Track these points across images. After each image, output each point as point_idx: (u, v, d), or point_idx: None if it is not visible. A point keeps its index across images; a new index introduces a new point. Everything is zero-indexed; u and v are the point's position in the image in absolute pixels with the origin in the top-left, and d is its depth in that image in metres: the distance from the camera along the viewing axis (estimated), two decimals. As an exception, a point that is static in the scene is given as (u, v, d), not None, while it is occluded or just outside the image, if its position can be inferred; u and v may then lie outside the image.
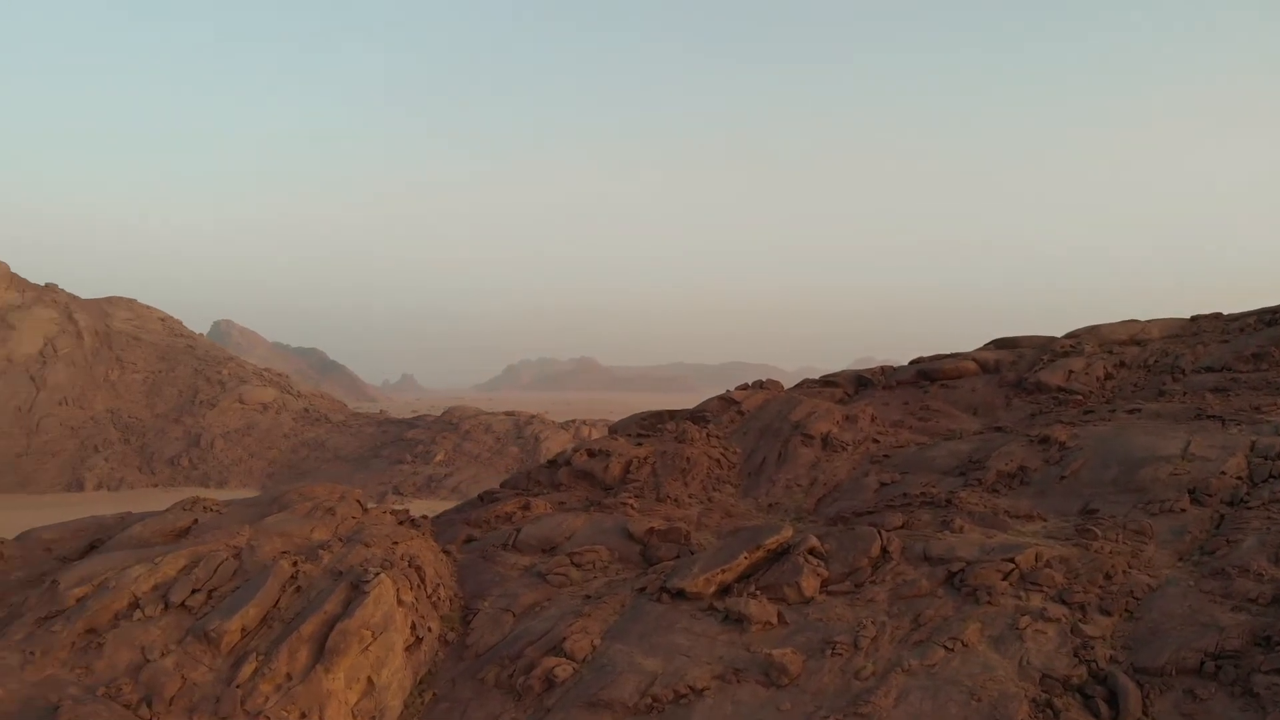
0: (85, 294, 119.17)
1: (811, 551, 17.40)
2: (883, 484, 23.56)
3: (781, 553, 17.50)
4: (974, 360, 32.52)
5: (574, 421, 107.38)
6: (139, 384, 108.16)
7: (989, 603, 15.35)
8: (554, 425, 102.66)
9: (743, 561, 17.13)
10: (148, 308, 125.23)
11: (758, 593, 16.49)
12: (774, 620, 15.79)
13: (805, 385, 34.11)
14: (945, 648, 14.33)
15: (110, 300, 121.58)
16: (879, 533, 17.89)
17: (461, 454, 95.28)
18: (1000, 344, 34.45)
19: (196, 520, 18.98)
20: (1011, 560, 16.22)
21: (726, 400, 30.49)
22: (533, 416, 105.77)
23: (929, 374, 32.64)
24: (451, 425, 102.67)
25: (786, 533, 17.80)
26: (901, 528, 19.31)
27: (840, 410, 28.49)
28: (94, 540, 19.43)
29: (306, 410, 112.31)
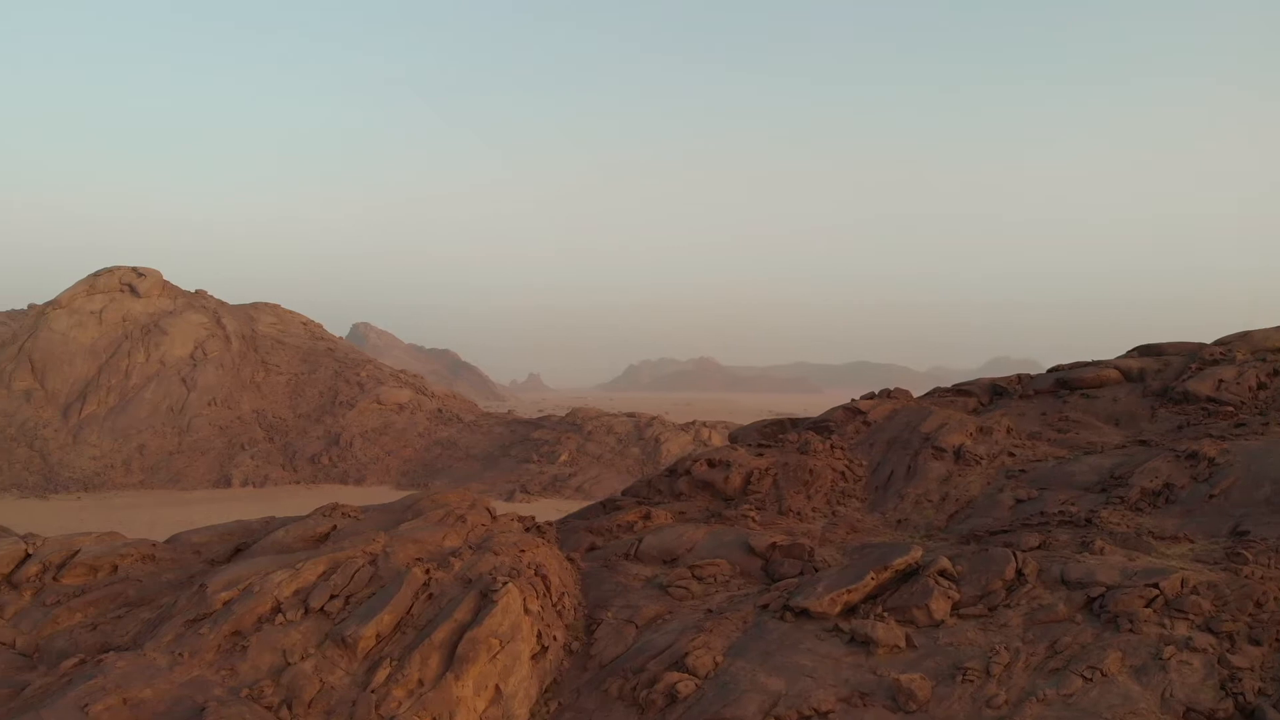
0: (233, 299, 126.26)
1: (942, 573, 16.96)
2: (1018, 501, 22.73)
3: (910, 573, 17.11)
4: (1116, 368, 31.01)
5: (694, 423, 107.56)
6: (283, 385, 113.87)
7: (1130, 630, 14.70)
8: (674, 427, 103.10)
9: (870, 582, 16.83)
10: (291, 312, 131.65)
11: (885, 614, 16.17)
12: (902, 643, 15.47)
13: (936, 394, 33.16)
14: (1083, 677, 13.80)
15: (256, 306, 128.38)
16: (1014, 554, 17.30)
17: (585, 454, 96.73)
18: (1144, 350, 32.78)
19: (335, 526, 19.87)
20: (1155, 585, 15.47)
21: (851, 410, 29.94)
22: (653, 418, 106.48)
23: (1068, 382, 31.31)
24: (575, 426, 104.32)
25: (916, 553, 17.39)
26: (1038, 548, 18.63)
27: (974, 421, 27.61)
28: (240, 544, 20.59)
29: (439, 410, 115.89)
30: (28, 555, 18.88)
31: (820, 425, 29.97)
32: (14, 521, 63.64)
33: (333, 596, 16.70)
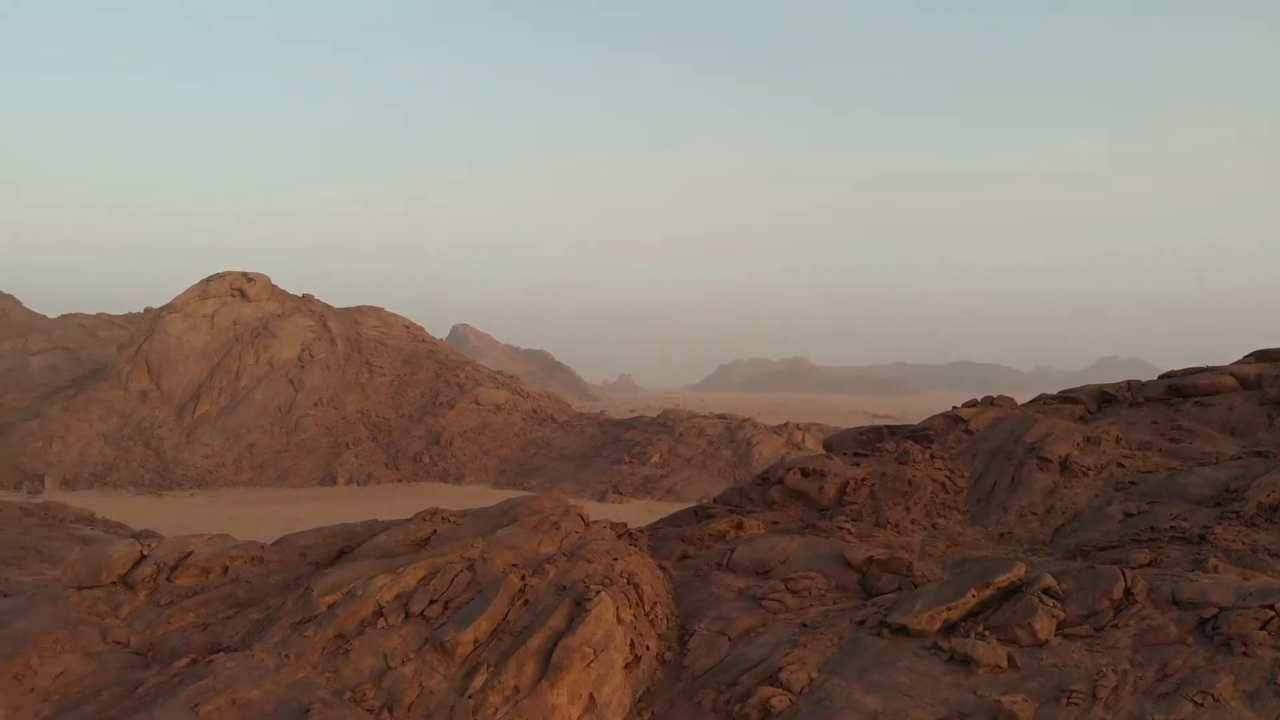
0: (339, 303, 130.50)
1: (1047, 591, 16.42)
2: (1127, 515, 21.82)
3: (1013, 591, 16.60)
4: (1232, 374, 29.47)
5: (786, 425, 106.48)
6: (386, 386, 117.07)
7: (1244, 654, 14.03)
8: (766, 430, 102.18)
9: (971, 599, 16.38)
10: (394, 315, 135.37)
11: (986, 633, 15.71)
12: (1004, 663, 15.01)
13: (1041, 402, 32.05)
14: (1194, 702, 13.23)
15: (360, 309, 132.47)
16: (1122, 572, 16.66)
17: (676, 456, 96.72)
18: (1262, 356, 31.07)
19: (435, 531, 20.29)
20: (1271, 607, 14.75)
21: (952, 418, 29.15)
22: (744, 420, 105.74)
23: (1181, 389, 29.89)
24: (666, 428, 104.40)
25: (1019, 570, 16.86)
26: (1148, 565, 17.92)
27: (1081, 430, 26.60)
28: (344, 546, 21.18)
29: (534, 411, 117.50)
30: (143, 556, 19.77)
31: (919, 434, 29.28)
32: (130, 518, 66.92)
33: (432, 601, 17.06)
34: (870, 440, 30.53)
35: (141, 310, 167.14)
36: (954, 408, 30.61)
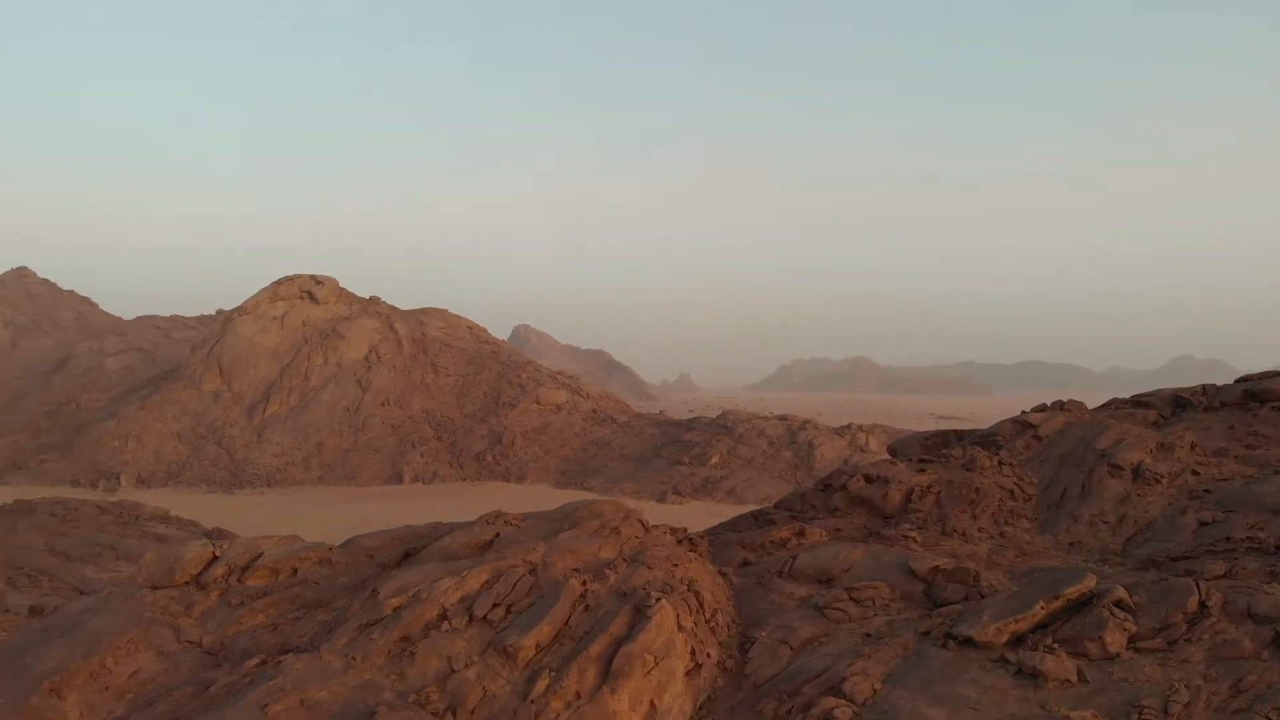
0: (404, 305, 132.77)
1: (1118, 603, 15.97)
2: (1202, 524, 21.15)
3: (1083, 603, 16.18)
4: (1313, 377, 28.42)
5: (849, 426, 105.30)
6: (450, 387, 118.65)
7: (1321, 670, 13.52)
8: (828, 431, 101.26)
9: (1039, 611, 16.00)
10: (458, 317, 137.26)
11: (1055, 646, 15.34)
12: (1073, 678, 14.63)
13: (1113, 406, 31.22)
14: (1268, 718, 12.77)
15: (425, 311, 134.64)
16: (1196, 584, 16.14)
17: (735, 457, 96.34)
18: (1347, 358, 29.90)
19: (498, 534, 20.45)
20: (1351, 621, 14.21)
21: (1021, 423, 28.53)
22: (806, 421, 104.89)
23: (1258, 394, 28.87)
24: (726, 429, 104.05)
25: (1089, 582, 16.42)
26: (1223, 577, 17.35)
27: (1154, 436, 25.85)
28: (410, 548, 21.47)
29: (594, 411, 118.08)
30: (215, 557, 20.26)
31: (987, 439, 28.69)
32: (202, 516, 68.79)
33: (495, 604, 17.19)
34: (936, 446, 30.02)
35: (213, 312, 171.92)
36: (1022, 413, 29.97)
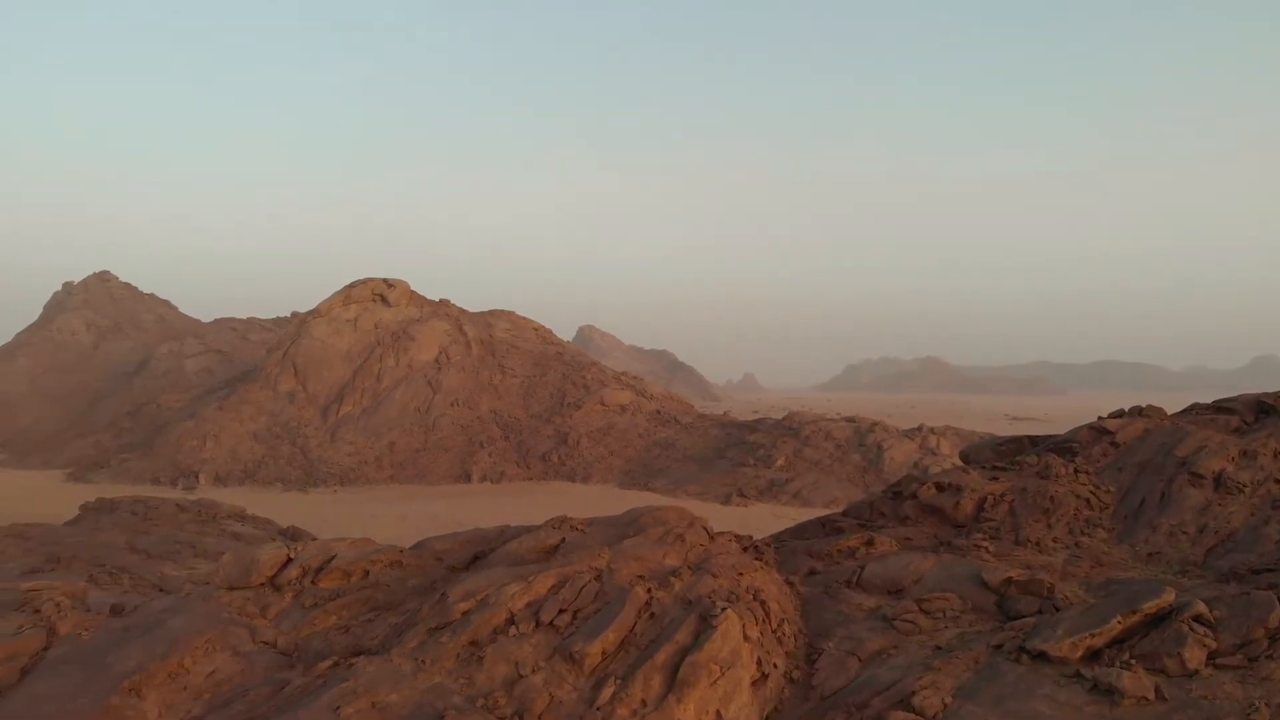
0: (473, 307, 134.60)
1: (1197, 618, 15.45)
2: (1289, 535, 20.37)
3: (1162, 618, 15.69)
4: None
5: (920, 428, 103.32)
6: (516, 387, 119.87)
7: None
8: (897, 433, 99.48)
9: (1116, 626, 15.55)
10: (524, 319, 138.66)
11: (1132, 662, 14.89)
12: (1150, 695, 14.19)
13: (1194, 412, 30.18)
14: (1354, 739, 12.24)
15: (493, 313, 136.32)
16: (1278, 599, 15.56)
17: (802, 460, 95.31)
18: None
19: (564, 539, 20.59)
20: None
21: (1097, 429, 27.73)
22: (875, 423, 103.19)
23: (1347, 399, 27.69)
24: (792, 430, 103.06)
25: (1168, 596, 15.91)
26: (1308, 592, 16.66)
27: (1236, 444, 24.94)
28: (478, 551, 21.73)
29: (658, 412, 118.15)
30: (289, 559, 20.75)
31: (1062, 446, 27.95)
32: (278, 514, 70.45)
33: (561, 610, 17.30)
34: (1010, 452, 29.34)
35: (288, 314, 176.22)
36: (1099, 418, 29.14)
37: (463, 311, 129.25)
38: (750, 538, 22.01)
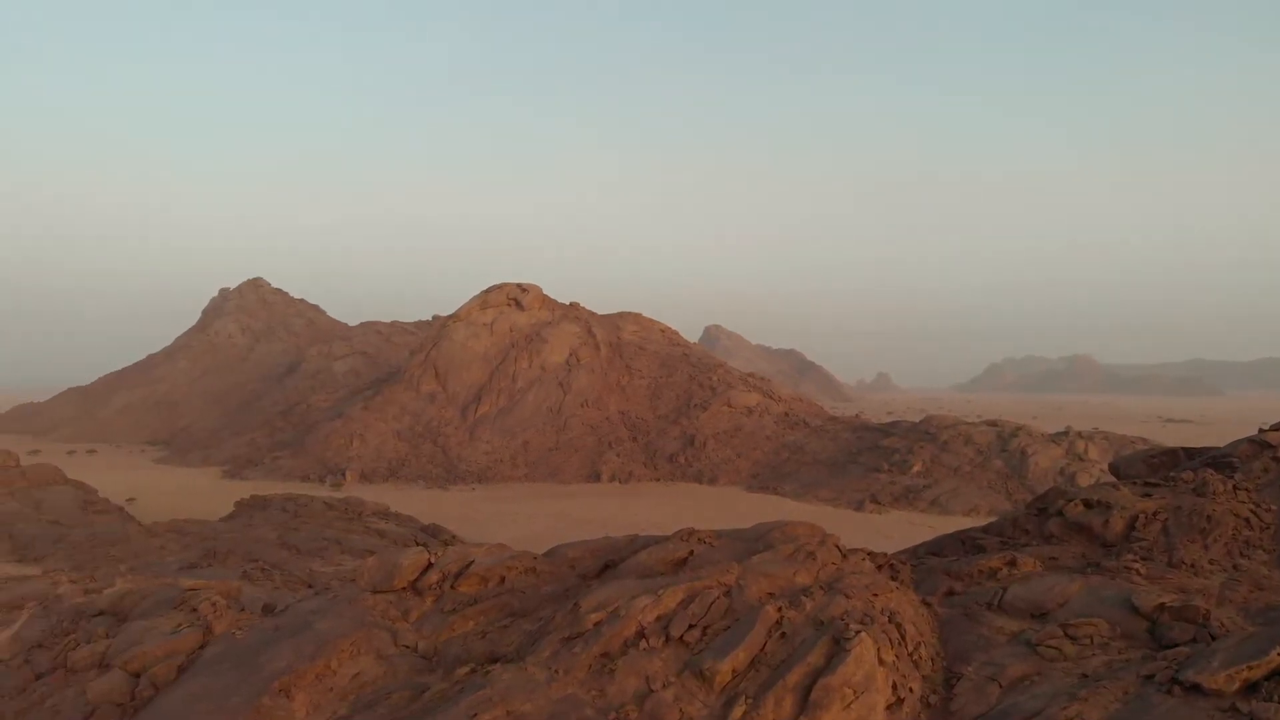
0: (601, 310, 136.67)
1: (1370, 652, 14.29)
2: None
3: (1330, 651, 14.56)
4: None
5: (1066, 432, 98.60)
6: (644, 389, 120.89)
7: None
8: (1043, 438, 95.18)
9: (1276, 658, 14.51)
10: (651, 320, 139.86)
11: (1295, 698, 13.88)
12: (1315, 735, 13.21)
13: (1369, 424, 27.85)
14: None
15: (621, 315, 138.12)
16: None
17: (940, 465, 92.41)
18: None
19: (693, 552, 20.64)
20: None
21: (1259, 443, 25.87)
22: (1018, 428, 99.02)
23: None
24: (929, 435, 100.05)
25: (1341, 630, 14.77)
26: None
27: None
28: (608, 560, 22.01)
29: (786, 414, 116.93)
30: (430, 564, 21.52)
31: (1221, 460, 26.21)
32: (419, 510, 73.16)
33: (690, 626, 17.35)
34: (1163, 465, 27.71)
35: (429, 318, 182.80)
36: (1260, 430, 27.20)
37: (592, 314, 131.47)
38: (885, 555, 21.54)
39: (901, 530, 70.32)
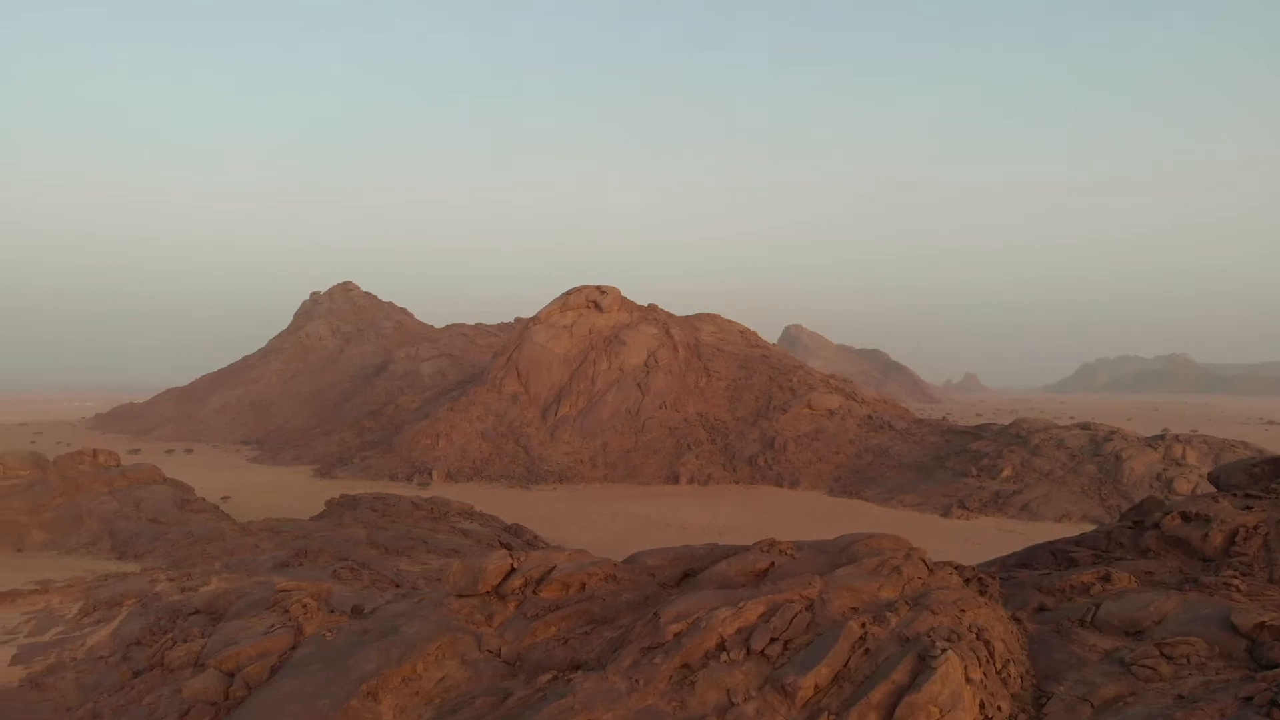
0: (680, 312, 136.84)
1: None
2: None
3: None
4: None
5: (1164, 435, 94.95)
6: (722, 390, 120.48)
7: None
8: (1138, 442, 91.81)
9: (1391, 687, 13.80)
10: (730, 322, 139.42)
11: None
12: None
13: None
14: None
15: (699, 317, 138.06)
16: None
17: (1030, 470, 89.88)
18: None
19: (773, 563, 20.52)
20: None
21: (1376, 455, 24.61)
22: (1112, 431, 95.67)
23: None
24: (1019, 438, 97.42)
25: None
26: None
27: None
28: (688, 569, 22.04)
29: (870, 417, 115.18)
30: (513, 569, 21.84)
31: (1329, 471, 25.03)
32: (502, 510, 74.17)
33: (772, 639, 17.24)
34: (1265, 474, 26.49)
35: (512, 320, 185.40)
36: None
37: (670, 315, 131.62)
38: (973, 569, 21.06)
39: (990, 536, 68.68)
